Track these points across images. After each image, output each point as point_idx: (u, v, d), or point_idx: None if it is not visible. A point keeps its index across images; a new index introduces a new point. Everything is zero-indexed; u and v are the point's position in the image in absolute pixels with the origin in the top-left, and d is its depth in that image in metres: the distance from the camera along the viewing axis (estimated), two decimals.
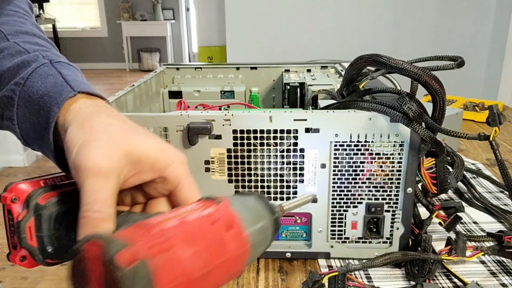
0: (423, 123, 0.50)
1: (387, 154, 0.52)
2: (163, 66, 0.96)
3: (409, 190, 0.53)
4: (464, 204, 0.59)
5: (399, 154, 0.52)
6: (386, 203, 0.54)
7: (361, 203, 0.54)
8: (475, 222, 0.65)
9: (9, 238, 0.34)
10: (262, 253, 0.57)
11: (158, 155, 0.33)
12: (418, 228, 0.56)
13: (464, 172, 0.74)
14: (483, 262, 0.55)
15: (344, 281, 0.47)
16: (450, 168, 0.63)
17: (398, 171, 0.52)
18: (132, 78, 6.11)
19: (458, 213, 0.55)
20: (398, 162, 0.52)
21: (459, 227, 0.63)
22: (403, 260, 0.52)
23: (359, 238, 0.56)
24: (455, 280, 0.52)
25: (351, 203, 0.54)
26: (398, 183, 0.53)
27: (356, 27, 2.42)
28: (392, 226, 0.55)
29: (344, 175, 0.53)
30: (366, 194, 0.54)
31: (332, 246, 0.56)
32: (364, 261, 0.49)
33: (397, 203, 0.54)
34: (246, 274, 0.54)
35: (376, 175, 0.53)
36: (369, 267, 0.49)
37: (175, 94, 0.91)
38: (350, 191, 0.54)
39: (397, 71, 0.49)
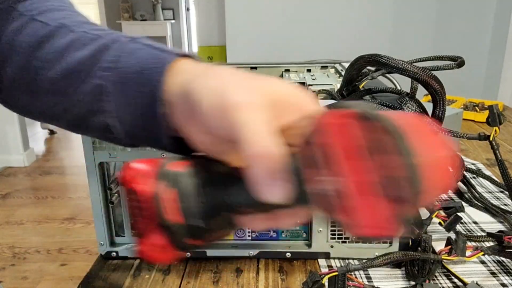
0: None
1: None
2: None
3: None
4: (464, 204, 0.59)
5: None
6: None
7: None
8: (475, 222, 0.65)
9: (138, 224, 0.28)
10: (262, 253, 0.57)
11: (294, 93, 0.30)
12: (418, 228, 0.55)
13: (464, 172, 0.74)
14: (483, 262, 0.55)
15: (344, 281, 0.47)
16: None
17: None
18: None
19: (458, 213, 0.55)
20: None
21: (459, 227, 0.63)
22: (403, 260, 0.52)
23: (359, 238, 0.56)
24: (455, 280, 0.52)
25: None
26: None
27: (356, 27, 2.42)
28: None
29: None
30: None
31: (332, 246, 0.56)
32: (364, 261, 0.49)
33: None
34: (246, 274, 0.54)
35: None
36: (369, 267, 0.49)
37: None
38: None
39: (397, 71, 0.49)
